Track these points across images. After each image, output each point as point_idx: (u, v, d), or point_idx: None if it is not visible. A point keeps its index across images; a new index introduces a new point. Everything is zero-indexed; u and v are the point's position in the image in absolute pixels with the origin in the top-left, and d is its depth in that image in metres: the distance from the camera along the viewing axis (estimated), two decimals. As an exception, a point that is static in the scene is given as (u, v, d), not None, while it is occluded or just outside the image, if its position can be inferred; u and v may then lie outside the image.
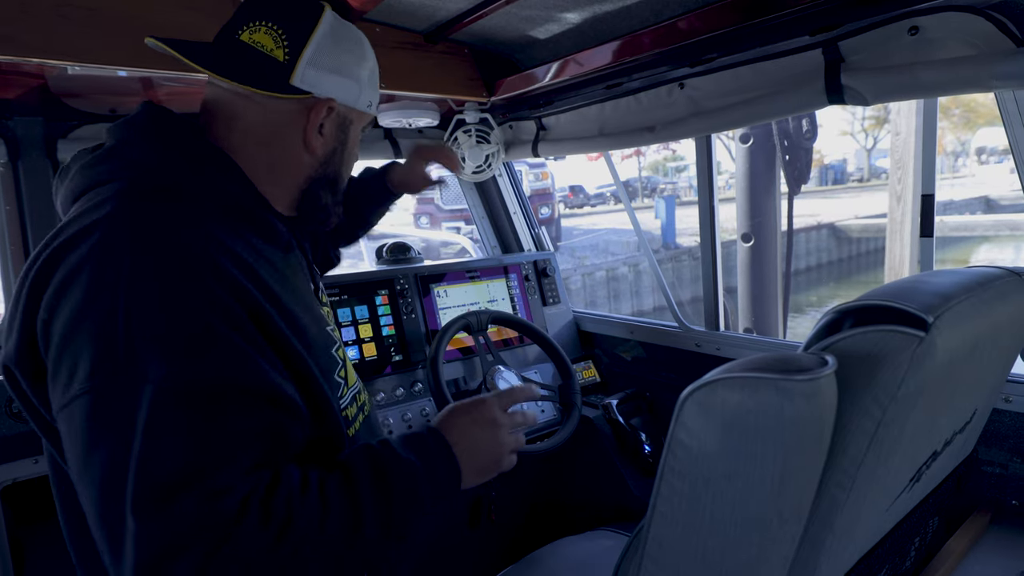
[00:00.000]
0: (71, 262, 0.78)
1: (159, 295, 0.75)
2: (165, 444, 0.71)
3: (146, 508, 0.68)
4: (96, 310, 0.74)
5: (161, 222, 0.82)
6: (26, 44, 1.27)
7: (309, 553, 0.75)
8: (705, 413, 0.72)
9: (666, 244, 14.67)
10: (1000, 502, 1.42)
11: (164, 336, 0.74)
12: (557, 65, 1.79)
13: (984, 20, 1.14)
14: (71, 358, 0.74)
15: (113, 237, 0.79)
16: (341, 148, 1.04)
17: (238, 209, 0.93)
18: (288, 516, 0.75)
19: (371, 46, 1.11)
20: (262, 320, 0.83)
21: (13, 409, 1.54)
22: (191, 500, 0.69)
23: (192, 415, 0.73)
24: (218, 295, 0.78)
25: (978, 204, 19.66)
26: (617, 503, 2.09)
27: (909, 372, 0.71)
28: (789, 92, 1.48)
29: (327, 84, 0.96)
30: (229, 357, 0.77)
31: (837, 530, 0.80)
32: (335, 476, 0.83)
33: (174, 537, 0.68)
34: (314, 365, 0.91)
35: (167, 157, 0.90)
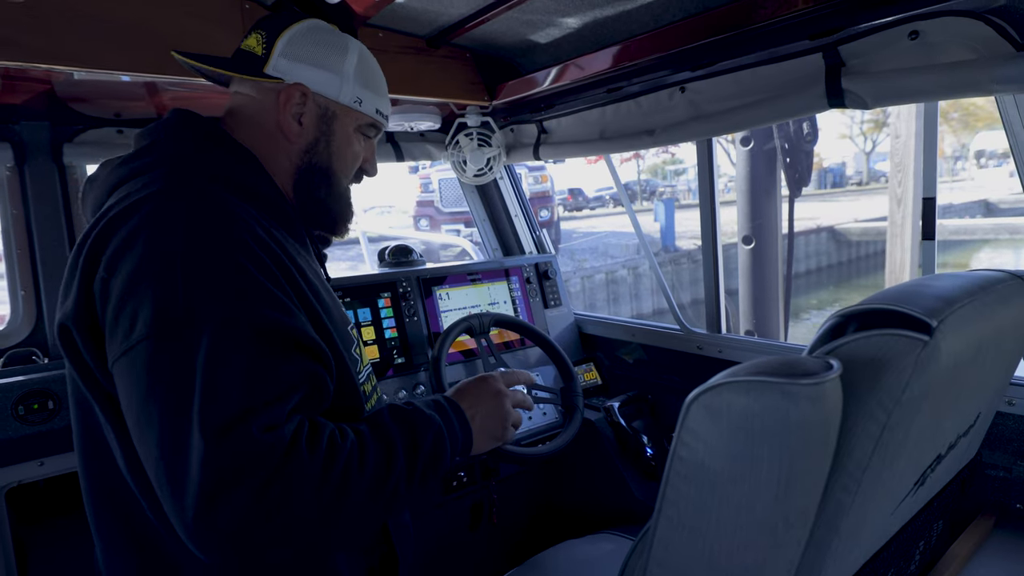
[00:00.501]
0: (129, 227, 0.86)
1: (213, 255, 0.84)
2: (225, 379, 0.77)
3: (212, 436, 0.74)
4: (156, 267, 0.82)
5: (209, 197, 0.92)
6: (33, 49, 1.27)
7: (352, 489, 0.81)
8: (711, 417, 0.72)
9: (665, 247, 14.67)
10: (1004, 505, 1.42)
11: (219, 288, 0.82)
12: (558, 69, 1.79)
13: (984, 24, 1.15)
14: (132, 310, 0.81)
15: (168, 206, 0.88)
16: (325, 140, 1.11)
17: (263, 199, 1.03)
18: (332, 452, 0.81)
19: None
20: (295, 286, 0.93)
21: (19, 412, 1.54)
22: (250, 431, 0.75)
23: (248, 355, 0.80)
24: (262, 258, 0.88)
25: (977, 208, 19.67)
26: (619, 506, 2.09)
27: (913, 376, 0.71)
28: (789, 96, 1.48)
29: (297, 71, 1.06)
30: (276, 308, 0.85)
31: (843, 534, 0.80)
32: (366, 425, 0.90)
33: (236, 464, 0.73)
34: (333, 331, 0.99)
35: (202, 151, 1.01)
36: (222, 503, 0.73)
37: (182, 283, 0.81)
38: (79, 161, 1.85)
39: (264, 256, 0.88)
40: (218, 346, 0.78)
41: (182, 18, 1.44)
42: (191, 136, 1.03)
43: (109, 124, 1.86)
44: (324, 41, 1.10)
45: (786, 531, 0.75)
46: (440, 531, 2.12)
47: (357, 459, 0.83)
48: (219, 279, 0.83)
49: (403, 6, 1.59)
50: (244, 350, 0.80)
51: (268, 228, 0.97)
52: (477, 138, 2.32)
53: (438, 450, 0.94)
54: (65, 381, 1.58)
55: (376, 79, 1.16)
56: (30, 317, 1.83)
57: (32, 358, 1.79)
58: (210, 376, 0.77)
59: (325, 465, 0.79)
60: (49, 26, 1.29)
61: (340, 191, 1.16)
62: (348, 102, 1.10)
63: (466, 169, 2.39)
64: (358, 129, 1.15)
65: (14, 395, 1.54)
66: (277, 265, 0.91)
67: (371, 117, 1.15)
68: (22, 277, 1.82)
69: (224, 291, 0.82)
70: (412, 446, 0.91)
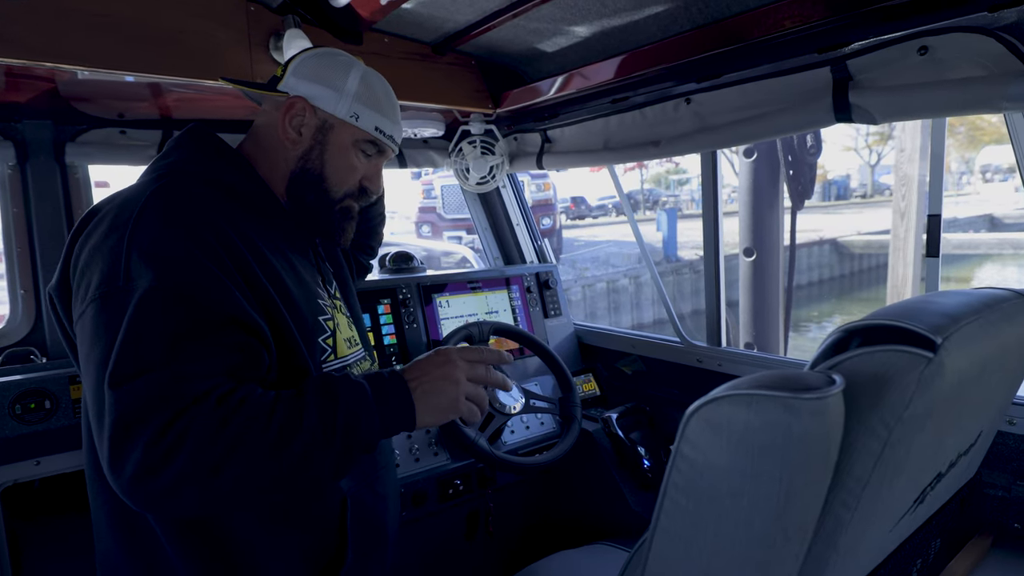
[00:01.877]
0: (102, 212, 1.00)
1: (158, 231, 0.94)
2: (142, 336, 0.86)
3: (119, 382, 0.83)
4: (111, 240, 0.94)
5: (177, 189, 1.02)
6: (36, 48, 1.28)
7: (250, 441, 0.85)
8: (711, 429, 0.71)
9: (667, 257, 14.67)
10: (1002, 525, 1.41)
11: (155, 257, 0.91)
12: (563, 78, 1.79)
13: (994, 41, 1.15)
14: (88, 277, 0.93)
15: (135, 193, 1.00)
16: (319, 148, 1.18)
17: (249, 199, 1.13)
18: (237, 408, 0.86)
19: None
20: (245, 269, 1.00)
21: (15, 411, 1.54)
22: (155, 379, 0.84)
23: (168, 317, 0.88)
24: (208, 240, 0.96)
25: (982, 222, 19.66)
26: (615, 517, 2.08)
27: (917, 393, 0.71)
28: (796, 109, 1.48)
29: (302, 87, 1.16)
30: (209, 282, 0.93)
31: (841, 550, 0.79)
32: (290, 391, 0.94)
33: (139, 405, 0.82)
34: (290, 318, 1.05)
35: (200, 159, 1.12)
36: (127, 448, 0.81)
37: (125, 253, 0.91)
38: (81, 161, 1.85)
39: (215, 243, 0.97)
40: (143, 308, 0.87)
41: (187, 19, 1.44)
42: (195, 147, 1.14)
43: (112, 124, 1.86)
44: (330, 62, 1.19)
45: (784, 546, 0.74)
46: (436, 540, 2.10)
47: (265, 415, 0.87)
48: (160, 252, 0.91)
49: (409, 12, 1.59)
50: (166, 313, 0.88)
51: (245, 225, 1.06)
52: (480, 146, 2.32)
53: (357, 417, 0.94)
54: (62, 381, 1.59)
55: (378, 100, 1.21)
56: (29, 316, 1.83)
57: (30, 357, 1.79)
58: (130, 332, 0.86)
59: (226, 417, 0.84)
60: (53, 25, 1.29)
61: (331, 199, 1.21)
62: (344, 116, 1.17)
63: (469, 177, 2.39)
64: (355, 144, 1.20)
65: (11, 394, 1.54)
66: (231, 254, 0.98)
67: (369, 133, 1.19)
68: (22, 276, 1.81)
69: (159, 261, 0.91)
70: (329, 409, 0.92)
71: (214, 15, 1.48)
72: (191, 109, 1.84)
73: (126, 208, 0.97)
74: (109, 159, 1.88)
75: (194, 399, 0.84)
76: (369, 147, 1.22)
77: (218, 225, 0.99)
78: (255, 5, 1.54)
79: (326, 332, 1.18)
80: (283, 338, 1.04)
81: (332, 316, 1.22)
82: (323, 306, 1.20)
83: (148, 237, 0.93)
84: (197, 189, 1.05)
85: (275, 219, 1.17)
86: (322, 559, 1.13)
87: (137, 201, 0.97)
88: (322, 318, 1.18)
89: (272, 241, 1.12)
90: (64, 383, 1.60)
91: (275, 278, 1.06)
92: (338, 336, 1.22)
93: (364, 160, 1.23)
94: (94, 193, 1.93)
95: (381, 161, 1.27)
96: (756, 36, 1.34)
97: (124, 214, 0.96)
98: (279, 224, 1.18)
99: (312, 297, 1.17)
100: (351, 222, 1.27)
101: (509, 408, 1.83)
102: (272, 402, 0.90)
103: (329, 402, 0.92)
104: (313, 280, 1.22)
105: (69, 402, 1.60)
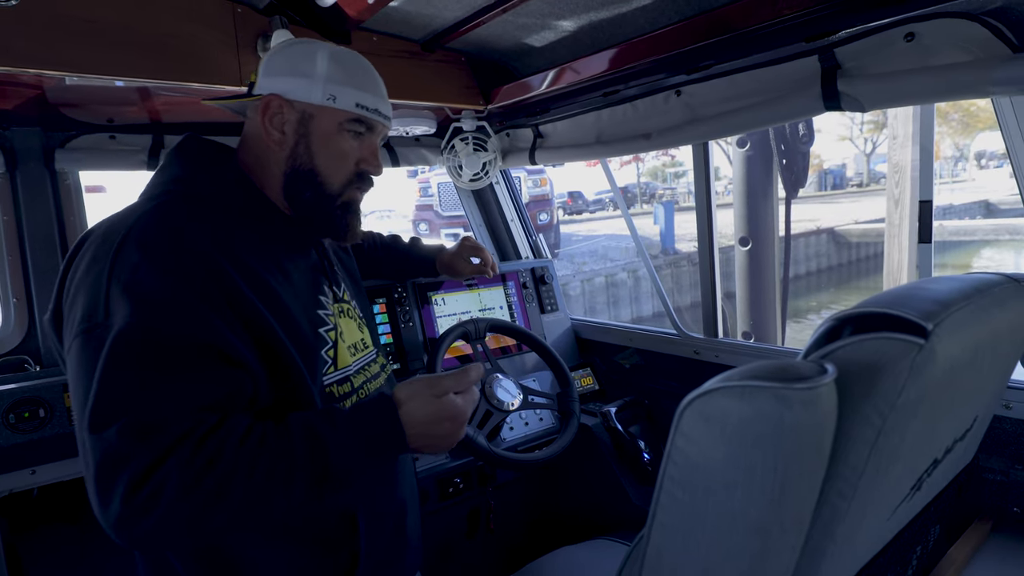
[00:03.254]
0: (90, 239, 0.98)
1: (137, 262, 0.91)
2: (118, 377, 0.85)
3: (96, 428, 0.83)
4: (92, 271, 0.92)
5: (166, 213, 1.00)
6: (24, 55, 1.27)
7: (234, 492, 0.85)
8: (705, 422, 0.71)
9: (665, 250, 14.68)
10: (1001, 510, 1.41)
11: (134, 291, 0.89)
12: (553, 73, 1.79)
13: (980, 26, 1.14)
14: (74, 310, 0.92)
15: (121, 219, 0.98)
16: (305, 142, 1.14)
17: (244, 212, 1.11)
18: (218, 454, 0.85)
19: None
20: (234, 295, 0.97)
21: (9, 420, 1.53)
22: (129, 425, 0.83)
23: (145, 355, 0.86)
24: (190, 270, 0.93)
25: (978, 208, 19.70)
26: (616, 512, 2.08)
27: (909, 380, 0.70)
28: (786, 98, 1.48)
29: (271, 84, 1.13)
30: (189, 315, 0.90)
31: (839, 539, 0.79)
32: (279, 429, 0.93)
33: (115, 453, 0.82)
34: (286, 337, 1.02)
35: (196, 172, 1.11)
36: (109, 495, 0.82)
37: (106, 287, 0.90)
38: (71, 167, 1.85)
39: (199, 272, 0.94)
40: (116, 349, 0.86)
41: (174, 23, 1.43)
42: (187, 162, 1.12)
43: (101, 130, 1.85)
44: (296, 51, 1.15)
45: (781, 537, 0.74)
46: (437, 538, 2.11)
47: (247, 463, 0.87)
48: (139, 286, 0.89)
49: (397, 10, 1.58)
50: (144, 351, 0.87)
51: (238, 243, 1.03)
52: (473, 143, 2.32)
53: (349, 471, 0.93)
54: (56, 389, 1.59)
55: (354, 75, 1.15)
56: (22, 325, 1.83)
57: (24, 366, 1.78)
58: (106, 375, 0.85)
59: (206, 466, 0.84)
60: (40, 31, 1.28)
61: (329, 193, 1.17)
62: (321, 101, 1.12)
63: (462, 174, 2.38)
64: (341, 127, 1.15)
65: (5, 403, 1.53)
66: (218, 281, 0.95)
67: (351, 112, 1.14)
68: (14, 284, 1.81)
69: (139, 296, 0.89)
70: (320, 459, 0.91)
71: (201, 18, 1.47)
72: (181, 113, 1.83)
73: (109, 237, 0.95)
74: (99, 165, 1.88)
75: (171, 445, 0.83)
76: (356, 126, 1.16)
77: (204, 252, 0.96)
78: (242, 7, 1.53)
79: (327, 344, 1.15)
80: (280, 359, 1.01)
81: (335, 325, 1.19)
82: (324, 316, 1.17)
83: (128, 269, 0.90)
84: (186, 212, 1.02)
85: (273, 229, 1.14)
86: (334, 572, 1.12)
87: (120, 230, 0.95)
88: (323, 330, 1.15)
89: (269, 255, 1.10)
90: (58, 391, 1.60)
91: (270, 298, 1.03)
92: (340, 346, 1.19)
93: (355, 142, 1.17)
94: (85, 199, 1.92)
95: (375, 139, 1.21)
96: (744, 26, 1.34)
97: (107, 244, 0.94)
98: (278, 233, 1.15)
99: (312, 309, 1.15)
100: (355, 216, 1.23)
101: (507, 404, 1.83)
102: (257, 445, 0.89)
103: (320, 453, 0.91)
104: (316, 288, 1.19)
105: (63, 410, 1.60)
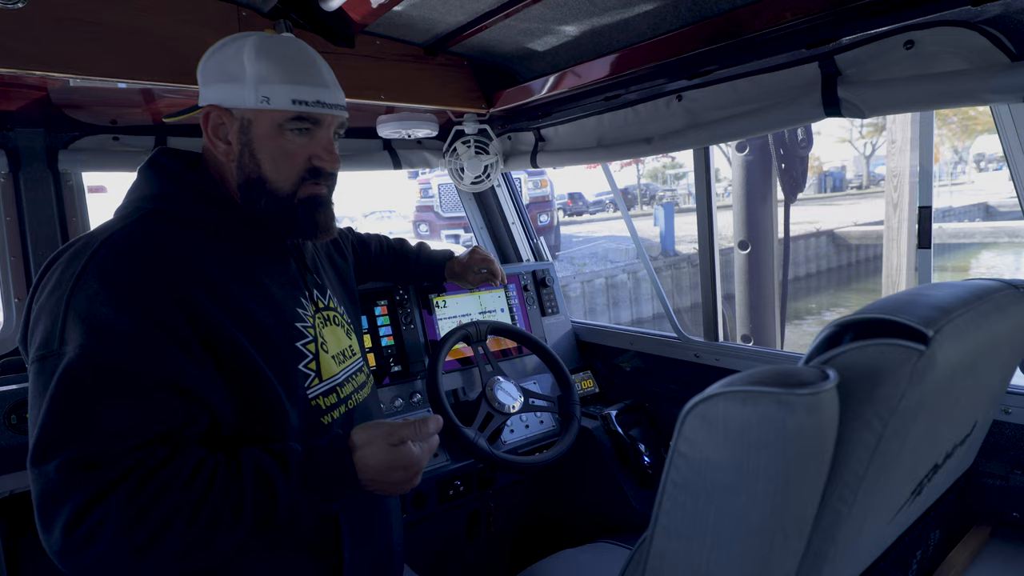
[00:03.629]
0: (56, 263, 0.96)
1: (95, 291, 0.90)
2: (63, 410, 0.85)
3: (36, 461, 0.84)
4: (52, 298, 0.91)
5: (132, 238, 0.97)
6: (29, 57, 1.27)
7: (179, 530, 0.85)
8: (707, 426, 0.71)
9: (665, 252, 14.68)
10: (1001, 514, 1.42)
11: (88, 320, 0.88)
12: (555, 77, 1.80)
13: (979, 35, 1.15)
14: (34, 334, 0.92)
15: (85, 244, 0.96)
16: (248, 149, 1.09)
17: (217, 227, 1.08)
18: (161, 492, 0.85)
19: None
20: (199, 320, 0.96)
21: (11, 420, 1.54)
22: (69, 461, 0.82)
23: (89, 392, 0.86)
24: (149, 299, 0.92)
25: (977, 211, 19.74)
26: (616, 514, 2.09)
27: (910, 385, 0.71)
28: (786, 104, 1.48)
29: (208, 93, 1.09)
30: (143, 348, 0.89)
31: (840, 544, 0.80)
32: (229, 466, 0.92)
33: (53, 488, 0.82)
34: (259, 356, 1.02)
35: (168, 188, 1.08)
36: (48, 527, 0.83)
37: (63, 315, 0.89)
38: (74, 168, 1.85)
39: (159, 300, 0.92)
40: (63, 379, 0.85)
41: (178, 25, 1.44)
42: (158, 179, 1.09)
43: (105, 131, 1.86)
44: (223, 55, 1.08)
45: (783, 541, 0.74)
46: (437, 541, 2.11)
47: (191, 505, 0.86)
48: (93, 316, 0.88)
49: (400, 14, 1.59)
50: (92, 382, 0.86)
51: (207, 261, 1.02)
52: (474, 146, 2.32)
53: (298, 514, 0.94)
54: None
55: (286, 68, 1.06)
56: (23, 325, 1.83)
57: (24, 367, 1.79)
58: (52, 407, 0.84)
59: (148, 504, 0.84)
60: (45, 33, 1.29)
61: (281, 196, 1.11)
62: (255, 104, 1.05)
63: (463, 177, 2.39)
64: (280, 128, 1.07)
65: (6, 404, 1.53)
66: (182, 307, 0.94)
67: (289, 110, 1.06)
68: (16, 285, 1.81)
69: (93, 326, 0.87)
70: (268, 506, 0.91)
71: (205, 21, 1.48)
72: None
73: (74, 262, 0.93)
74: (102, 166, 1.88)
75: (114, 480, 0.83)
76: (297, 123, 1.08)
77: (168, 279, 0.94)
78: (246, 10, 1.54)
79: (307, 357, 1.13)
80: (253, 379, 1.01)
81: (315, 337, 1.16)
82: (303, 329, 1.14)
83: (85, 299, 0.89)
84: (154, 235, 1.00)
85: (246, 241, 1.11)
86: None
87: (85, 255, 0.93)
88: (301, 343, 1.12)
89: (243, 270, 1.08)
90: None
91: (241, 317, 1.02)
92: (323, 357, 1.17)
93: (301, 139, 1.09)
94: (88, 200, 1.93)
95: (324, 132, 1.12)
96: (745, 33, 1.35)
97: (70, 269, 0.93)
98: (252, 244, 1.12)
99: (289, 322, 1.12)
100: (322, 210, 1.15)
101: (508, 407, 1.84)
102: (205, 485, 0.88)
103: (268, 499, 0.91)
104: (293, 299, 1.16)
105: None
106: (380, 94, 1.72)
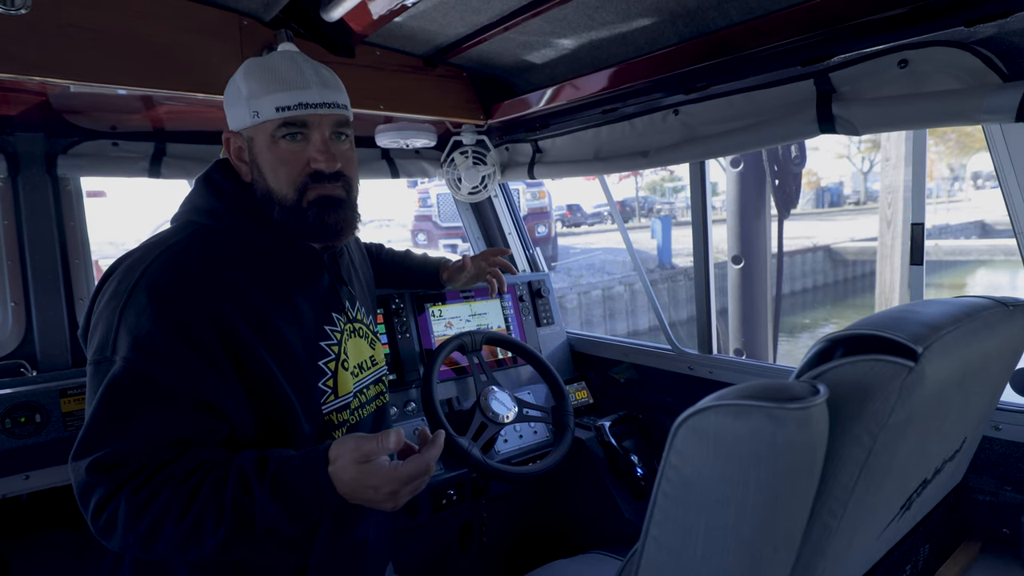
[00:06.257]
0: (117, 271, 1.07)
1: (143, 307, 0.99)
2: (98, 417, 0.96)
3: (75, 456, 0.96)
4: (109, 307, 1.02)
5: (181, 256, 1.06)
6: (30, 62, 1.28)
7: (169, 528, 0.94)
8: (698, 439, 0.72)
9: (662, 264, 14.71)
10: (991, 530, 1.42)
11: (135, 335, 0.98)
12: (553, 90, 1.81)
13: (972, 55, 1.17)
14: (93, 338, 1.03)
15: (143, 254, 1.06)
16: (255, 166, 1.17)
17: (259, 245, 1.16)
18: (156, 493, 0.94)
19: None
20: (232, 342, 1.04)
21: (6, 424, 1.53)
22: (92, 464, 0.94)
23: (125, 401, 0.96)
24: (189, 321, 1.00)
25: (973, 228, 19.82)
26: (609, 526, 2.08)
27: (899, 401, 0.72)
28: (781, 121, 1.50)
29: (229, 120, 1.19)
30: (176, 364, 0.98)
31: (829, 557, 0.80)
32: (220, 470, 0.98)
33: (83, 483, 0.96)
34: (282, 376, 1.09)
35: (217, 204, 1.16)
36: (86, 512, 0.96)
37: (116, 325, 0.99)
38: (73, 173, 1.86)
39: (199, 323, 1.01)
40: (108, 388, 0.96)
41: (180, 33, 1.45)
42: (212, 190, 1.18)
43: (104, 137, 1.86)
44: (231, 81, 1.18)
45: (773, 554, 0.75)
46: (429, 550, 2.10)
47: (180, 506, 0.94)
48: (140, 331, 0.98)
49: (401, 25, 1.60)
50: (130, 391, 0.96)
51: (246, 280, 1.09)
52: (472, 156, 2.34)
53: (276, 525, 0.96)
54: (53, 394, 1.59)
55: (267, 81, 1.11)
56: (19, 329, 1.83)
57: (20, 370, 1.78)
58: (98, 409, 0.96)
59: (147, 501, 0.94)
60: (46, 39, 1.30)
61: (289, 204, 1.14)
62: (251, 122, 1.13)
63: (461, 187, 2.40)
64: (272, 139, 1.12)
65: (1, 408, 1.53)
66: (219, 329, 1.03)
67: (274, 118, 1.10)
68: (12, 288, 1.81)
69: (138, 341, 0.98)
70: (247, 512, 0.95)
71: (207, 30, 1.49)
72: (183, 121, 1.84)
73: (128, 275, 1.03)
74: (101, 171, 1.89)
75: (127, 477, 0.95)
76: (286, 130, 1.11)
77: (208, 299, 1.03)
78: (248, 19, 1.55)
79: (326, 375, 1.19)
80: (274, 396, 1.09)
81: (337, 355, 1.21)
82: (327, 347, 1.20)
83: (134, 312, 0.99)
84: (201, 253, 1.08)
85: (282, 258, 1.18)
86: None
87: (139, 269, 1.03)
88: (323, 361, 1.19)
89: (277, 288, 1.14)
90: (55, 396, 1.60)
91: (270, 337, 1.09)
92: (341, 375, 1.21)
93: (295, 145, 1.12)
94: (86, 205, 1.93)
95: (317, 133, 1.13)
96: (742, 49, 1.36)
97: (125, 281, 1.03)
98: (288, 261, 1.19)
99: (314, 342, 1.18)
100: (332, 211, 1.16)
101: (502, 417, 1.84)
102: (194, 488, 0.95)
103: (246, 506, 0.94)
104: (323, 315, 1.22)
105: (60, 415, 1.60)
106: (379, 104, 1.74)
